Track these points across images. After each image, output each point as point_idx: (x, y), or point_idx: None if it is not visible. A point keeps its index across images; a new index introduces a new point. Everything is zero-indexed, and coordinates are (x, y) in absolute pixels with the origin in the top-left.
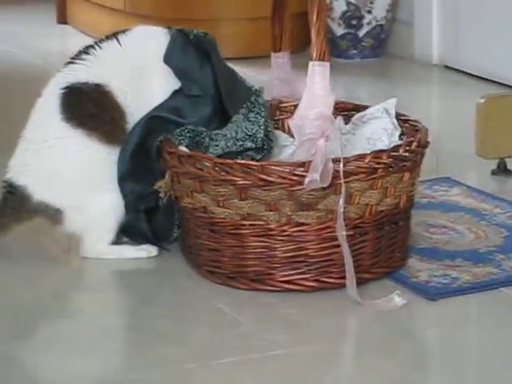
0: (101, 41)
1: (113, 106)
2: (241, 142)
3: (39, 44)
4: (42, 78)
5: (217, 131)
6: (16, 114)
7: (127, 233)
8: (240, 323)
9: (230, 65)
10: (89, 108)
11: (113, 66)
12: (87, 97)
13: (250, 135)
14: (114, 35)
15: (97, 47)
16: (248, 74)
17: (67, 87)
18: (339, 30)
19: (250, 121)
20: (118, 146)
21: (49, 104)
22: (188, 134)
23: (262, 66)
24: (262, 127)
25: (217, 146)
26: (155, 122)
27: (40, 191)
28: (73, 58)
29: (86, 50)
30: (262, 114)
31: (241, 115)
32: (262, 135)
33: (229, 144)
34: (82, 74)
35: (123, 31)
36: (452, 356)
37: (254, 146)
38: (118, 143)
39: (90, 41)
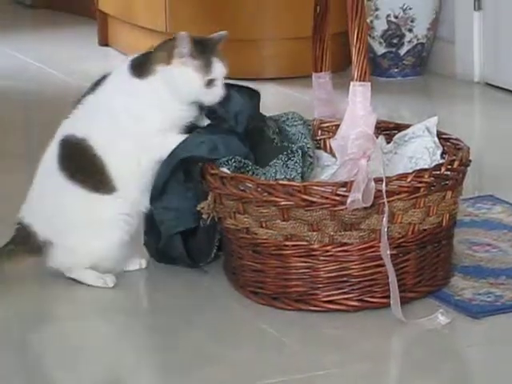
0: (89, 89)
1: (94, 159)
2: None
3: (81, 66)
4: None
5: (257, 169)
6: None
7: (163, 256)
8: (284, 344)
9: (272, 85)
10: (76, 161)
11: (91, 119)
12: (75, 150)
13: (288, 179)
14: (97, 83)
15: (82, 98)
16: (290, 93)
17: (62, 139)
18: (380, 49)
19: (288, 167)
20: (108, 192)
21: (51, 153)
22: (234, 164)
23: (303, 85)
24: (300, 175)
25: None
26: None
27: (42, 230)
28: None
29: (78, 100)
30: (301, 164)
31: (280, 161)
32: (299, 181)
33: None
34: (70, 127)
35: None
36: (496, 375)
37: None
38: (108, 190)
39: None
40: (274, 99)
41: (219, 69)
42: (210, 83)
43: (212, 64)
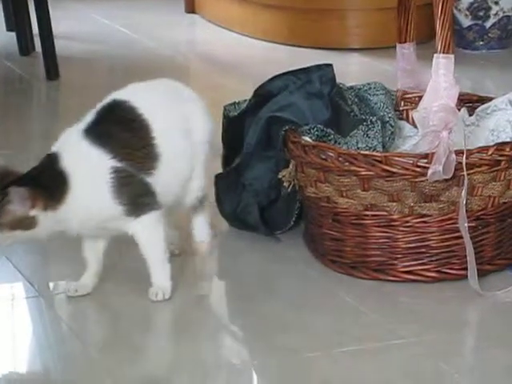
0: None
1: None
2: None
3: (167, 33)
4: (171, 68)
5: (340, 138)
6: None
7: (238, 222)
8: (361, 312)
9: (356, 55)
10: None
11: None
12: None
13: (370, 147)
14: None
15: None
16: (373, 64)
17: None
18: (466, 22)
19: (369, 137)
20: None
21: None
22: (316, 132)
23: (388, 56)
24: (381, 145)
25: None
26: (275, 120)
27: None
28: None
29: None
30: (380, 134)
31: (360, 131)
32: (380, 150)
33: None
34: None
35: None
36: None
37: None
38: None
39: (218, 31)
40: (357, 69)
41: None
42: None
43: None
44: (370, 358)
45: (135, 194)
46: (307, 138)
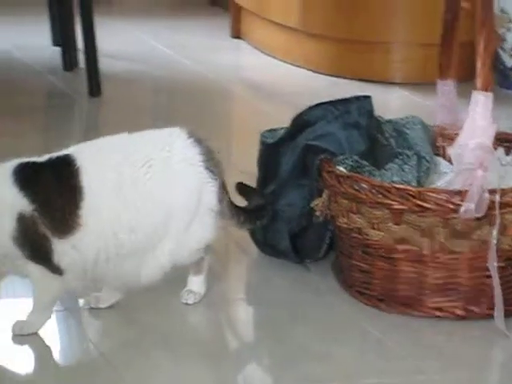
0: None
1: None
2: None
3: (212, 57)
4: (214, 92)
5: (375, 170)
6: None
7: (268, 249)
8: (386, 346)
9: (398, 89)
10: None
11: None
12: None
13: (404, 181)
14: None
15: None
16: (414, 99)
17: None
18: (511, 62)
19: (404, 171)
20: None
21: None
22: (351, 163)
23: (429, 92)
24: (415, 180)
25: None
26: (311, 148)
27: None
28: None
29: None
30: (416, 168)
31: (395, 165)
32: (415, 184)
33: None
34: None
35: None
36: None
37: None
38: None
39: (262, 57)
40: (397, 103)
41: None
42: None
43: None
44: None
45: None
46: (342, 169)
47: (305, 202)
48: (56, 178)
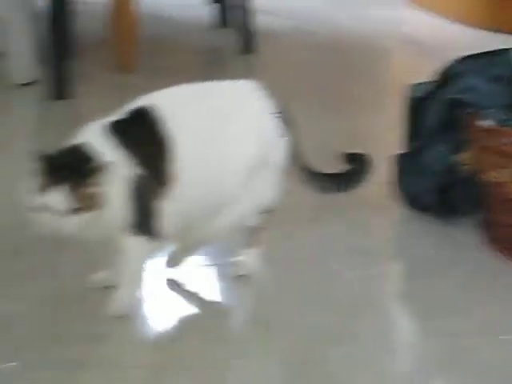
0: None
1: None
2: None
3: (370, 13)
4: (371, 48)
5: None
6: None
7: (415, 203)
8: None
9: None
10: None
11: None
12: None
13: None
14: None
15: None
16: None
17: None
18: None
19: None
20: None
21: None
22: (499, 117)
23: None
24: None
25: None
26: (456, 102)
27: None
28: None
29: None
30: None
31: None
32: None
33: None
34: None
35: None
36: None
37: None
38: None
39: (421, 14)
40: None
41: None
42: None
43: None
44: None
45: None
46: (489, 122)
47: (451, 157)
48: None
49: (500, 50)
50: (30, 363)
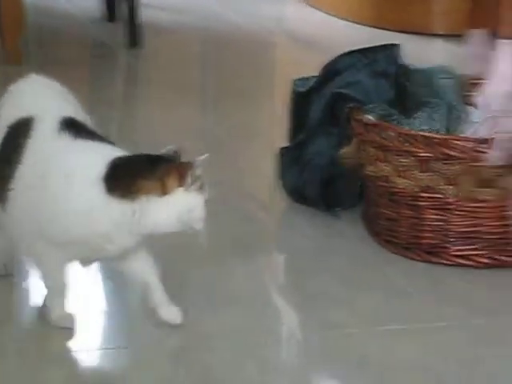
0: None
1: None
2: None
3: (254, 9)
4: (255, 42)
5: (403, 118)
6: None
7: (299, 197)
8: (409, 293)
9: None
10: None
11: None
12: None
13: (433, 130)
14: None
15: None
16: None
17: None
18: None
19: (433, 120)
20: None
21: None
22: (380, 112)
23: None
24: (445, 129)
25: None
26: (340, 96)
27: None
28: None
29: None
30: (445, 117)
31: (425, 113)
32: (444, 133)
33: None
34: None
35: None
36: None
37: None
38: None
39: (305, 10)
40: (438, 55)
41: None
42: None
43: None
44: (411, 339)
45: None
46: (370, 117)
47: (334, 150)
48: None
49: (385, 46)
50: None
